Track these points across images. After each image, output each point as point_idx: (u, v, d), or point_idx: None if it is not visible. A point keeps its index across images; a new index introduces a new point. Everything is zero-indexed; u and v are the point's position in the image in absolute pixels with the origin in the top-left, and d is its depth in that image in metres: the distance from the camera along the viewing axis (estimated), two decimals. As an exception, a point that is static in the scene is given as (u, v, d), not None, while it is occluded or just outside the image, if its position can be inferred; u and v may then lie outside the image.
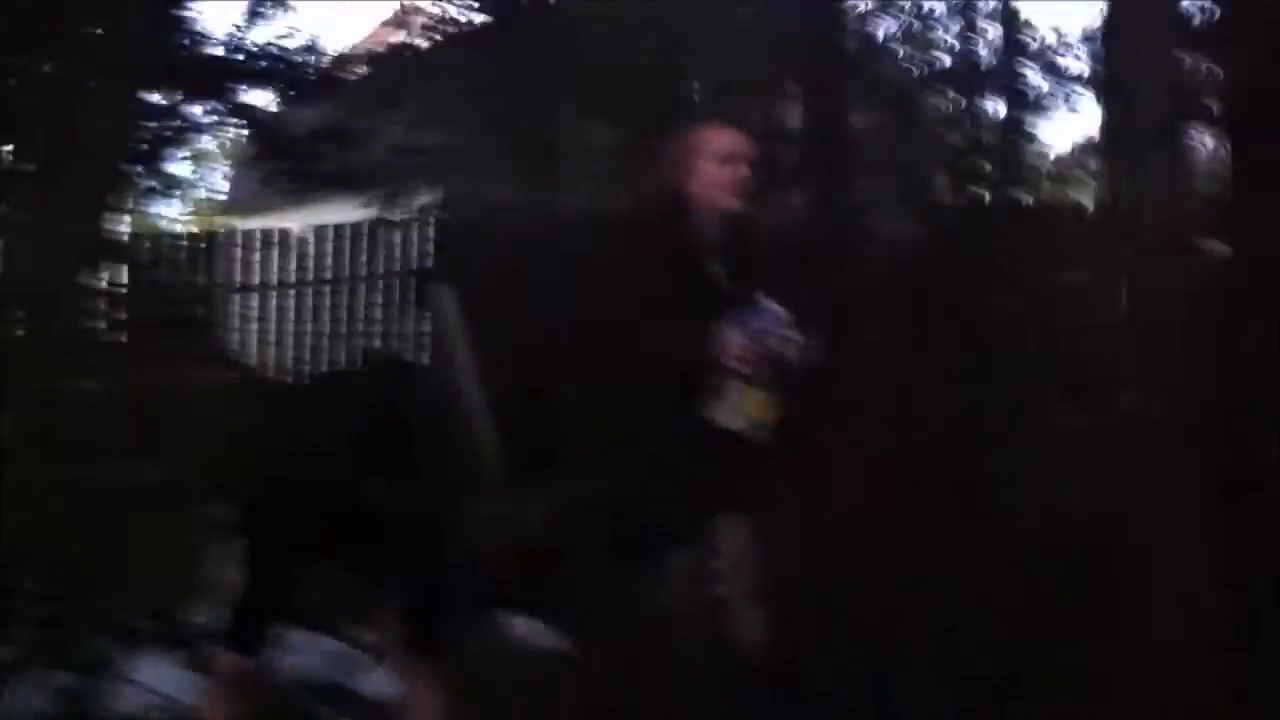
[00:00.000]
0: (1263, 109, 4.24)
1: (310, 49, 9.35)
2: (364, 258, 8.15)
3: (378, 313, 8.14)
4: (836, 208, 6.46)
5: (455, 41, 9.71)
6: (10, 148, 8.13)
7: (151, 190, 9.62)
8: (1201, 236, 4.54)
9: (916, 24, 8.94)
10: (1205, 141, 5.93)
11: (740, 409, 2.98)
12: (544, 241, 7.51)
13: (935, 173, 7.71)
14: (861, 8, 8.87)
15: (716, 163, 3.14)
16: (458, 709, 3.04)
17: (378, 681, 3.81)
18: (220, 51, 9.13)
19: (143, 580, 4.52)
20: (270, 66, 9.21)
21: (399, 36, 10.65)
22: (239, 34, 9.11)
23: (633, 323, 3.11)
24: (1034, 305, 5.94)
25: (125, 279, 7.67)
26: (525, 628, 4.55)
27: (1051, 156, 9.19)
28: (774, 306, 3.03)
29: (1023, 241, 6.33)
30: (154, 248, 8.21)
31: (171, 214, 17.84)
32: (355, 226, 8.29)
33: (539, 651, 4.42)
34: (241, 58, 9.19)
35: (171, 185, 10.07)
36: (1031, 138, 8.29)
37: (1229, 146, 5.30)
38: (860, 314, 3.40)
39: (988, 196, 7.24)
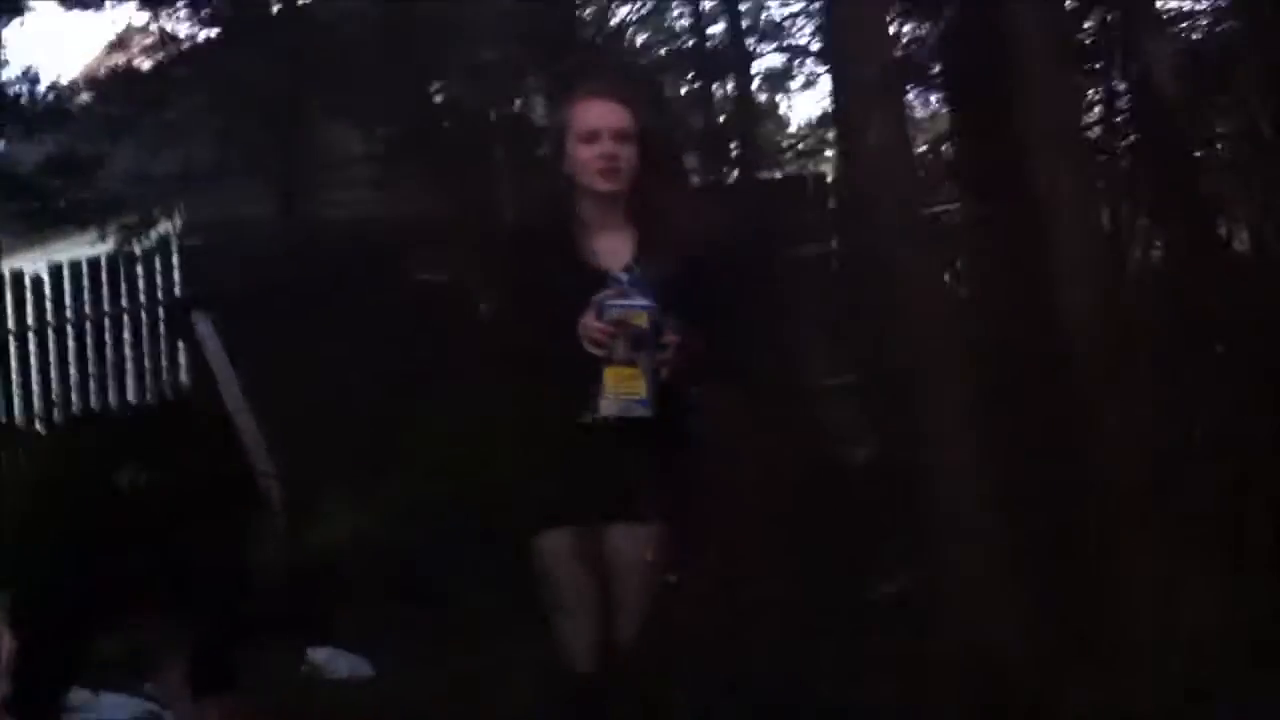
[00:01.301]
0: (973, 64, 4.45)
1: (28, 79, 8.95)
2: (110, 293, 7.83)
3: (133, 349, 7.83)
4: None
5: (183, 60, 9.42)
6: None
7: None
8: (931, 197, 4.80)
9: (650, 8, 9.16)
10: (928, 100, 6.27)
11: (610, 390, 2.95)
12: (302, 252, 7.38)
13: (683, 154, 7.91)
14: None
15: (586, 142, 3.01)
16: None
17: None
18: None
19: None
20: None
21: (123, 59, 10.27)
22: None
23: (502, 314, 3.08)
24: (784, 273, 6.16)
25: None
26: (327, 656, 4.49)
27: (792, 131, 9.52)
28: (636, 283, 2.96)
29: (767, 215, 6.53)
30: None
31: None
32: (96, 261, 7.96)
33: (342, 680, 4.38)
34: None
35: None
36: (771, 115, 8.56)
37: (949, 104, 5.62)
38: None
39: (733, 175, 7.48)
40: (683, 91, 8.82)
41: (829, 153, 8.32)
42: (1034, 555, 3.64)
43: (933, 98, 6.06)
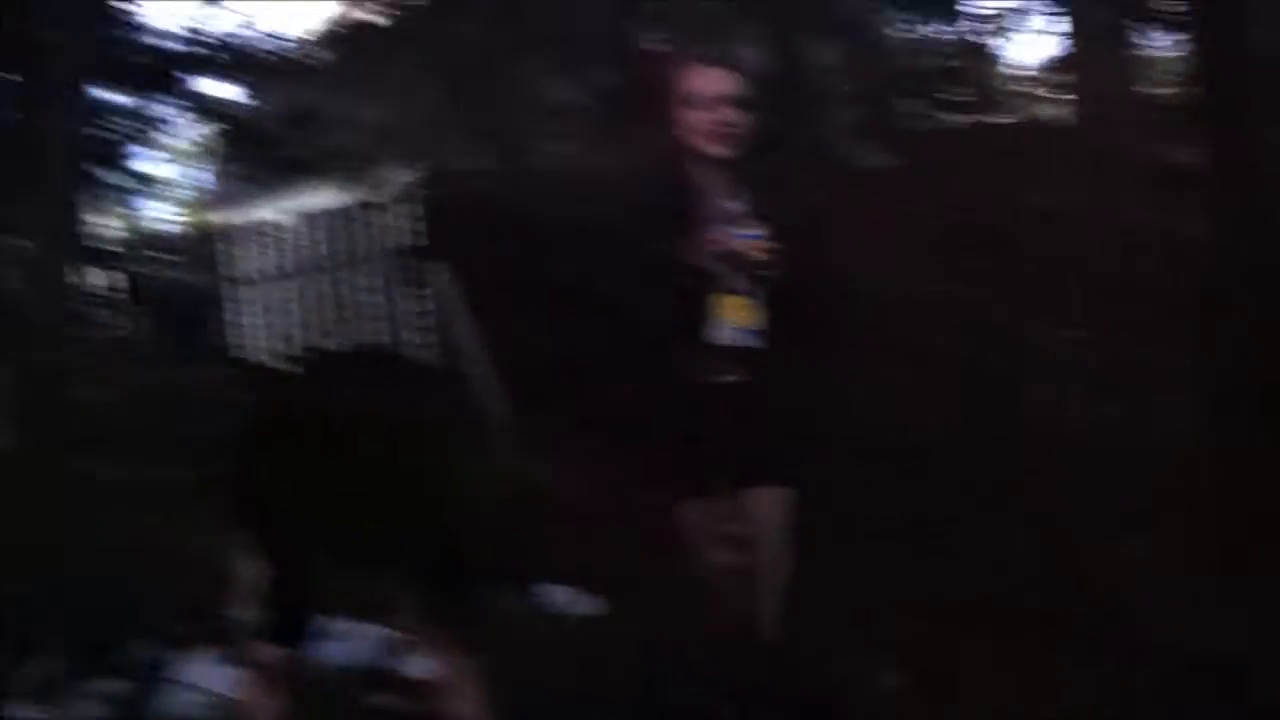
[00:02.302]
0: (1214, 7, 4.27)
1: (273, 35, 9.35)
2: (352, 242, 8.18)
3: (373, 297, 8.16)
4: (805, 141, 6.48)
5: (415, 14, 9.69)
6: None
7: (128, 190, 9.65)
8: (1163, 142, 4.62)
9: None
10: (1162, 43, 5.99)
11: (722, 318, 2.99)
12: (532, 203, 7.54)
13: (901, 99, 7.77)
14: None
15: (697, 108, 3.09)
16: (494, 681, 3.10)
17: (415, 662, 3.91)
18: (180, 46, 9.14)
19: (177, 581, 4.60)
20: (233, 57, 9.21)
21: (361, 13, 10.61)
22: (197, 27, 9.12)
23: (632, 270, 3.16)
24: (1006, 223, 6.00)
25: (120, 282, 7.71)
26: (558, 594, 4.63)
27: (1017, 75, 9.18)
28: (752, 225, 3.03)
29: (991, 160, 6.35)
30: (144, 248, 8.22)
31: (158, 213, 17.78)
32: (338, 211, 8.32)
33: (572, 617, 4.50)
34: (203, 51, 9.19)
35: (147, 184, 10.10)
36: (996, 58, 8.30)
37: (1186, 47, 5.37)
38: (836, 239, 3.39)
39: (954, 119, 7.30)
40: (903, 34, 8.64)
41: (1054, 97, 8.05)
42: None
43: (1167, 39, 5.82)
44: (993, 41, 8.24)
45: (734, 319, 2.99)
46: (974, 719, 3.32)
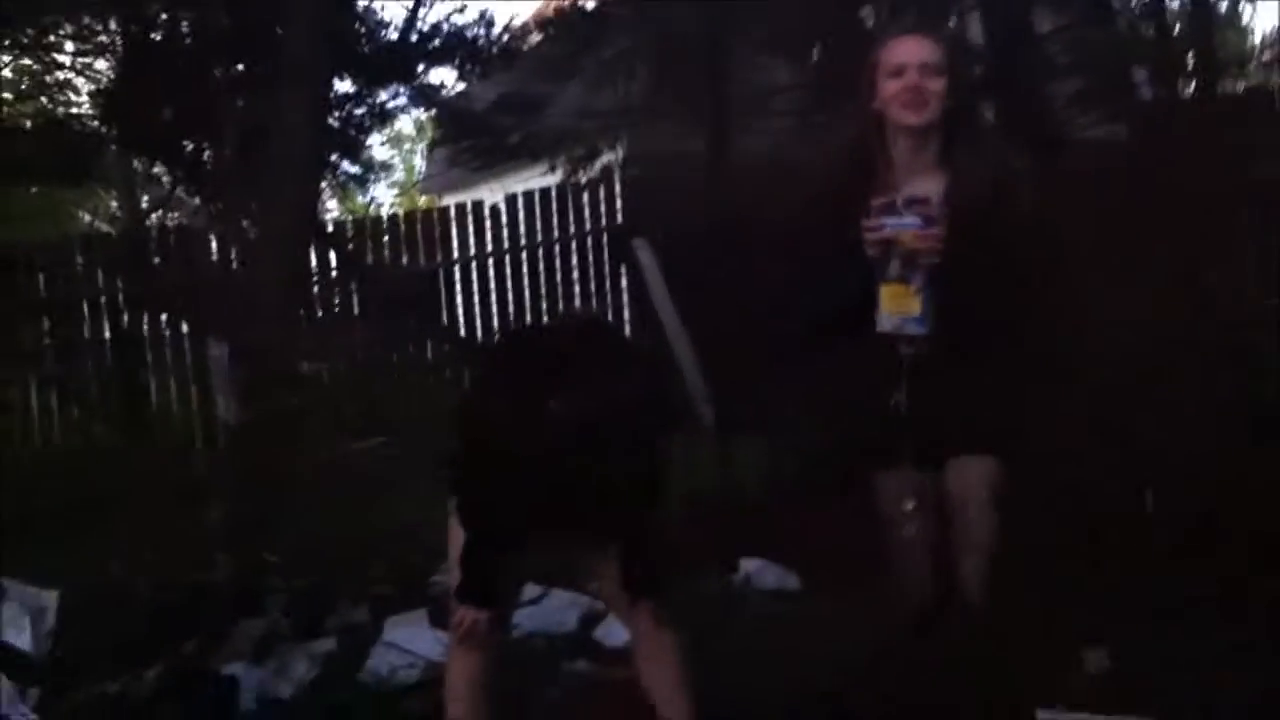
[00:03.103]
0: None
1: (483, 22, 9.53)
2: (559, 221, 8.29)
3: (581, 274, 8.27)
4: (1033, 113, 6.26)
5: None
6: (212, 150, 8.58)
7: (353, 176, 10.00)
8: None
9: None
10: None
11: (884, 308, 2.97)
12: (733, 185, 7.52)
13: (1132, 69, 7.41)
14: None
15: (894, 77, 3.04)
16: (692, 652, 3.08)
17: (613, 629, 3.91)
18: (397, 35, 9.41)
19: (387, 546, 4.73)
20: (447, 44, 9.43)
21: (569, 1, 10.74)
22: (414, 15, 9.35)
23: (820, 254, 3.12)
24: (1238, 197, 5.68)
25: (338, 263, 7.99)
26: (756, 568, 4.59)
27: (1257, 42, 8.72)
28: (924, 205, 2.96)
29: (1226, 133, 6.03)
30: (363, 231, 8.51)
31: (376, 197, 18.49)
32: (546, 192, 8.44)
33: (770, 592, 4.46)
34: (418, 38, 9.43)
35: (372, 170, 10.45)
36: (1234, 25, 7.88)
37: None
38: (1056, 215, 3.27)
39: (1190, 88, 6.93)
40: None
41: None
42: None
43: None
44: (1232, 7, 7.84)
45: (894, 308, 2.94)
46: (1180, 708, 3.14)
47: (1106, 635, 3.45)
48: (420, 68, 9.52)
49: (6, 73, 10.06)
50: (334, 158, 9.04)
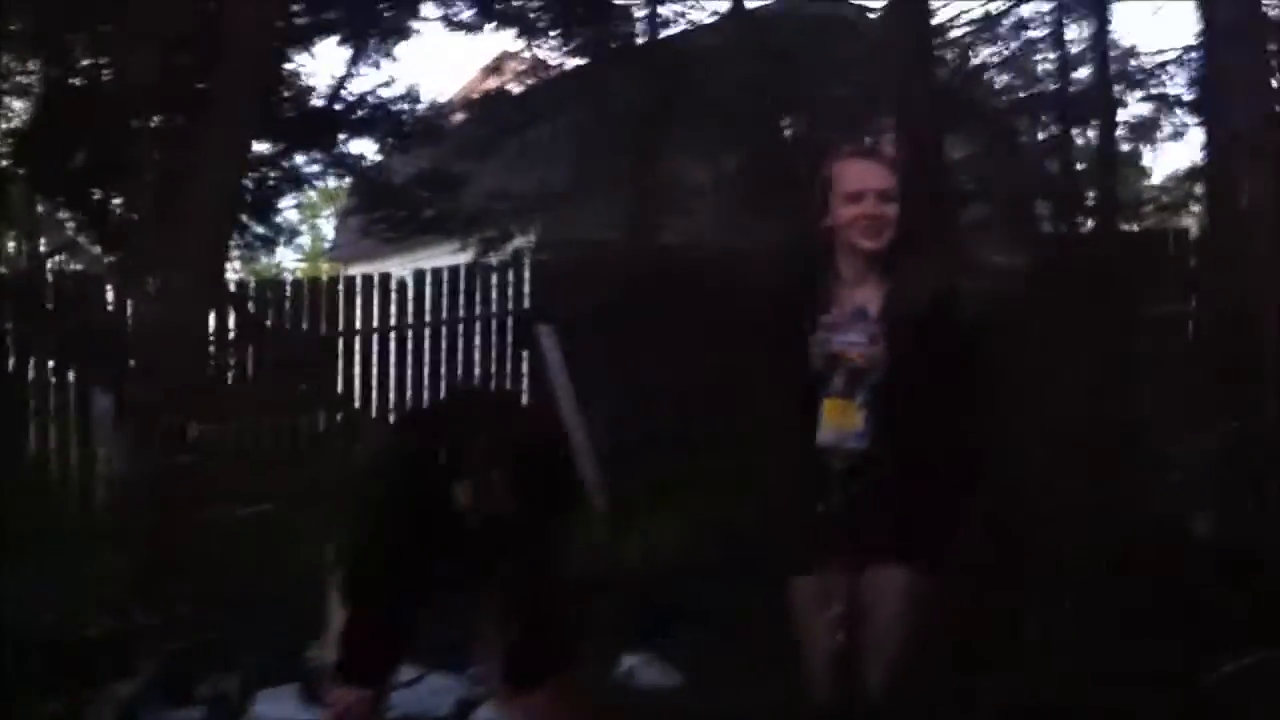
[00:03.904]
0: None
1: (409, 97, 9.56)
2: (465, 300, 8.28)
3: (483, 354, 8.24)
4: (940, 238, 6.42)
5: (551, 86, 9.86)
6: (121, 199, 8.46)
7: (262, 238, 9.89)
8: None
9: (1015, 51, 8.92)
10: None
11: (825, 422, 2.98)
12: (647, 277, 7.58)
13: (1038, 201, 7.67)
14: (958, 35, 8.87)
15: (848, 199, 3.09)
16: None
17: (488, 715, 3.85)
18: (322, 102, 9.40)
19: (266, 616, 4.62)
20: (370, 115, 9.44)
21: (496, 82, 10.85)
22: (340, 84, 9.36)
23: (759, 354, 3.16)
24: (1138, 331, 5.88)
25: (238, 324, 7.87)
26: (638, 662, 4.56)
27: (1156, 183, 9.07)
28: (869, 322, 3.01)
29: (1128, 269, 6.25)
30: (267, 294, 8.40)
31: (281, 261, 18.31)
32: (455, 270, 8.43)
33: (652, 686, 4.43)
34: (342, 107, 9.43)
35: (280, 233, 10.36)
36: (1135, 165, 8.20)
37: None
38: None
39: (1091, 224, 7.18)
40: (1042, 137, 8.56)
41: (1193, 208, 7.89)
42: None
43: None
44: (1134, 148, 8.14)
45: (835, 421, 2.97)
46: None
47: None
48: (342, 136, 9.52)
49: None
50: (244, 218, 8.94)
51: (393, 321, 8.21)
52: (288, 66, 8.92)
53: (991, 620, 4.06)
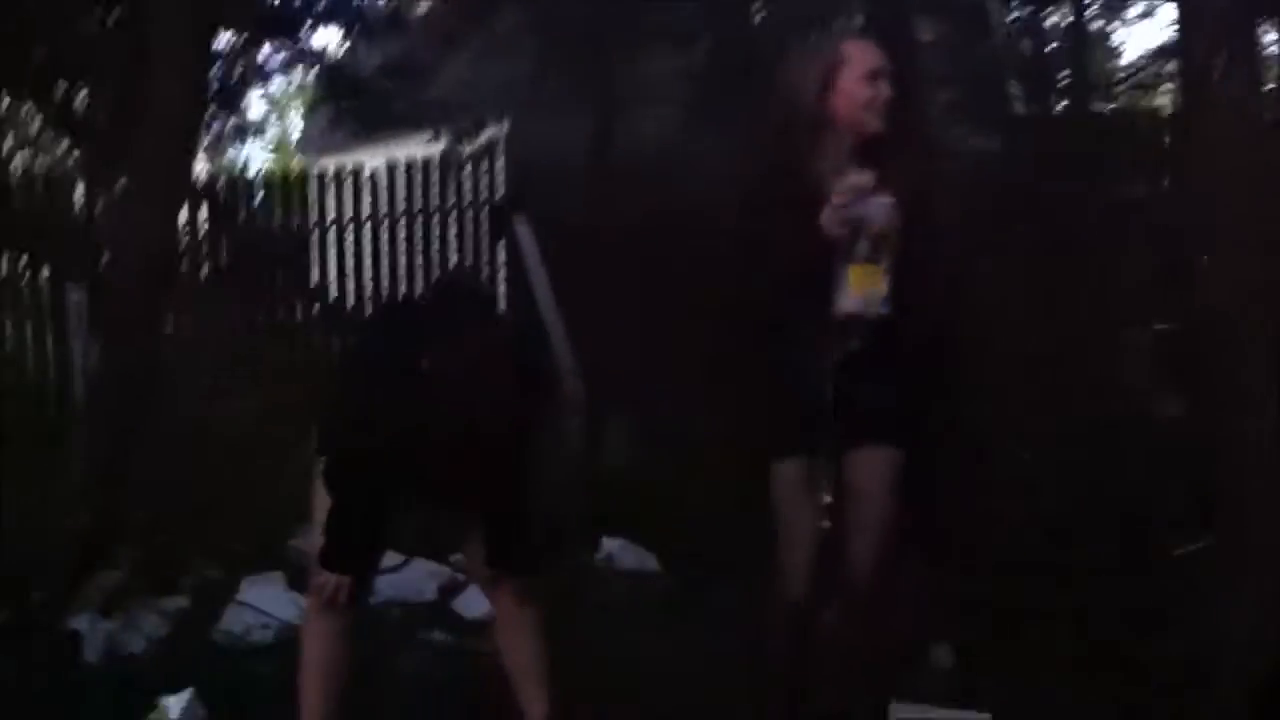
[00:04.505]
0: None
1: (375, -14, 9.39)
2: (437, 192, 8.22)
3: (457, 245, 8.21)
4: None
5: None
6: (86, 98, 8.32)
7: (229, 134, 9.77)
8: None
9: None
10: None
11: (851, 287, 2.97)
12: (620, 170, 7.54)
13: (1009, 84, 7.63)
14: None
15: (861, 80, 3.07)
16: (550, 627, 3.10)
17: (472, 600, 3.92)
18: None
19: (246, 507, 4.67)
20: (335, 5, 9.27)
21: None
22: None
23: (754, 230, 3.10)
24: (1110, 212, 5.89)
25: (210, 220, 7.81)
26: (616, 547, 4.63)
27: (1127, 63, 9.01)
28: (882, 193, 3.00)
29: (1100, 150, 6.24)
30: (236, 190, 8.32)
31: (250, 157, 18.09)
32: (427, 162, 8.36)
33: (628, 571, 4.51)
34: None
35: (247, 129, 10.23)
36: (1106, 45, 8.15)
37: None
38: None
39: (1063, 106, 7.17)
40: (1009, 18, 8.48)
41: (1166, 87, 7.87)
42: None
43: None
44: (1106, 27, 8.09)
45: (862, 287, 2.96)
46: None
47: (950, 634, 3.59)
48: (305, 27, 9.35)
49: None
50: (210, 113, 8.82)
51: (365, 214, 8.16)
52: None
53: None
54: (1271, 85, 5.15)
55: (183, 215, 7.33)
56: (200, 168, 9.25)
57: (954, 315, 3.10)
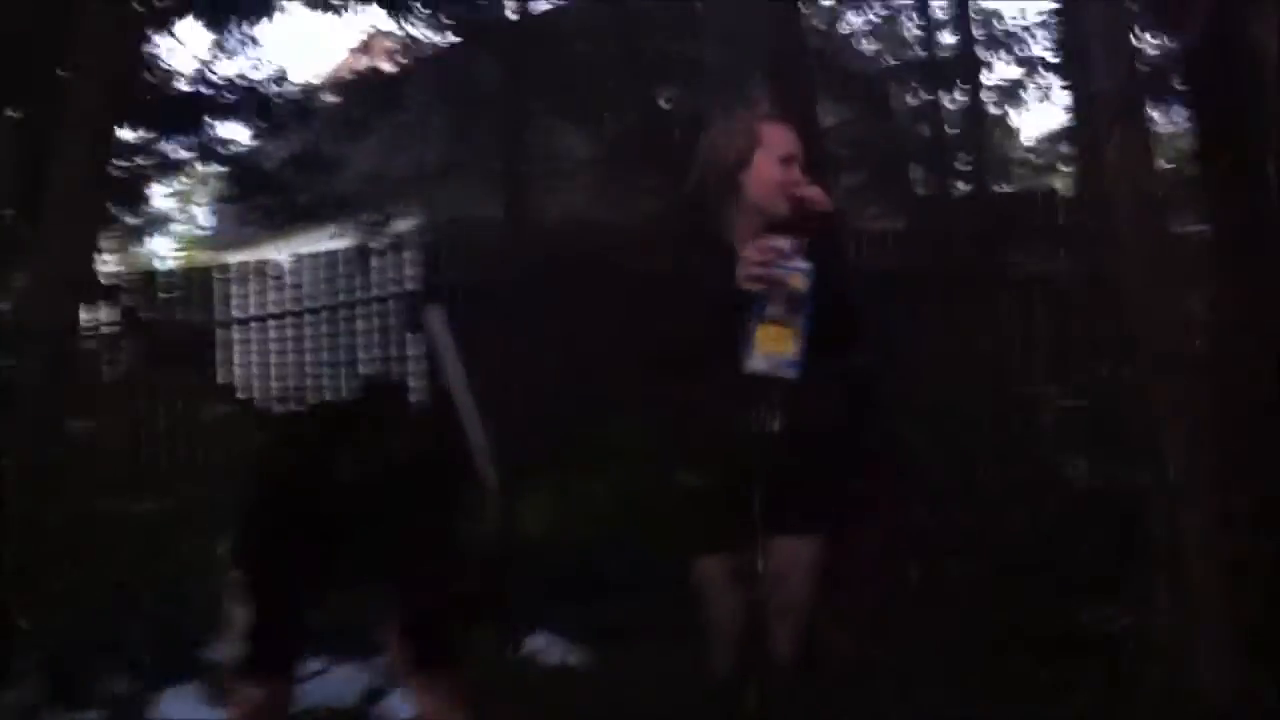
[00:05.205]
0: (1219, 74, 4.27)
1: (279, 79, 9.40)
2: (349, 284, 8.17)
3: (368, 339, 8.15)
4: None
5: (423, 64, 9.75)
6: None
7: (136, 229, 9.67)
8: (1173, 213, 4.62)
9: (881, 19, 9.06)
10: (1170, 115, 6.04)
11: (758, 347, 2.94)
12: (534, 247, 7.57)
13: (910, 165, 7.81)
14: (827, 2, 8.98)
15: (777, 162, 3.08)
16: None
17: (396, 705, 3.84)
18: (189, 87, 9.19)
19: (159, 614, 4.55)
20: (240, 99, 9.25)
21: (366, 63, 10.70)
22: (207, 68, 9.16)
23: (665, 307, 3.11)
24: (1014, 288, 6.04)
25: (118, 317, 7.70)
26: (542, 642, 4.58)
27: (1026, 145, 9.25)
28: (798, 249, 3.00)
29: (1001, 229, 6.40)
30: (145, 285, 8.22)
31: (158, 251, 17.89)
32: (336, 254, 8.32)
33: (555, 666, 4.45)
34: (210, 92, 9.23)
35: (155, 223, 10.14)
36: (1004, 127, 8.38)
37: (1192, 116, 5.40)
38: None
39: (963, 187, 7.35)
40: (911, 102, 8.70)
41: (1062, 168, 8.10)
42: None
43: (1177, 113, 5.86)
44: (1003, 111, 8.32)
45: (770, 347, 2.96)
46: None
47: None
48: (210, 121, 9.33)
49: None
50: (116, 208, 8.73)
51: (279, 307, 8.09)
52: (149, 50, 8.70)
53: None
54: (1164, 164, 5.30)
55: (86, 312, 7.24)
56: (105, 264, 9.15)
57: (866, 382, 3.12)
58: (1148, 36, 5.67)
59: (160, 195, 10.03)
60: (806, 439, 2.99)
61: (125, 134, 8.45)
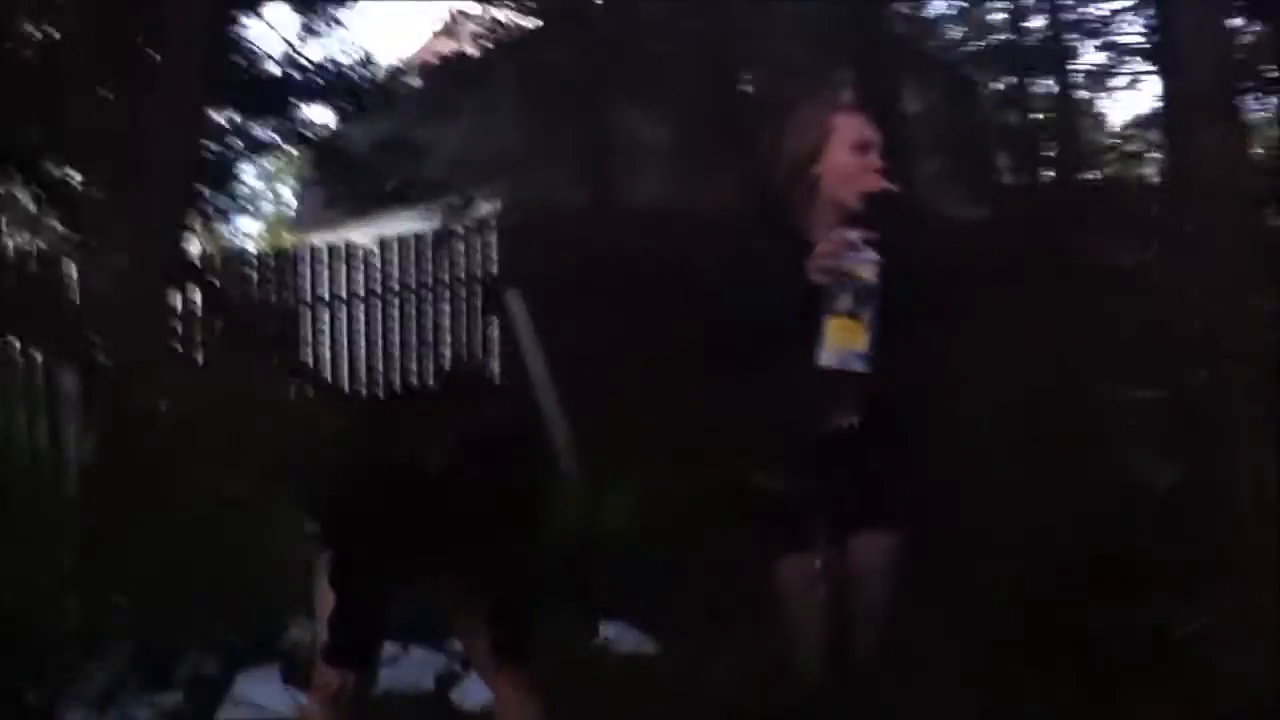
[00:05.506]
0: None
1: (364, 63, 9.50)
2: (431, 268, 8.25)
3: (450, 321, 8.23)
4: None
5: (507, 48, 9.79)
6: (81, 174, 8.36)
7: (223, 209, 9.83)
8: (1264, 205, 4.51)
9: (967, 3, 8.93)
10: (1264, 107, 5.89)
11: (829, 340, 2.94)
12: (617, 237, 7.57)
13: (995, 153, 7.70)
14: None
15: (850, 152, 3.08)
16: (552, 715, 3.07)
17: (470, 690, 3.88)
18: (277, 70, 9.31)
19: (241, 596, 4.62)
20: (326, 82, 9.36)
21: (451, 45, 10.76)
22: (294, 51, 9.28)
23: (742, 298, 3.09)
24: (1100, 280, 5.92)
25: (203, 298, 7.82)
26: (616, 631, 4.60)
27: (1113, 131, 9.09)
28: (868, 241, 2.98)
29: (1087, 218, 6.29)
30: (229, 266, 8.35)
31: (243, 232, 18.18)
32: (420, 238, 8.41)
33: (629, 655, 4.47)
34: (297, 75, 9.35)
35: (241, 204, 10.30)
36: (1091, 114, 8.24)
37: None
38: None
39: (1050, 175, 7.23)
40: (997, 88, 8.59)
41: (1151, 156, 7.95)
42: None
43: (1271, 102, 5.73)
44: (1091, 98, 8.17)
45: (840, 341, 2.94)
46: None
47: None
48: (298, 104, 9.45)
49: None
50: (204, 189, 8.88)
51: (360, 290, 8.19)
52: (238, 33, 8.84)
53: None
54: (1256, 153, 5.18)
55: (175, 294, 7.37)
56: (194, 244, 9.31)
57: (937, 377, 3.08)
58: (1241, 23, 5.53)
59: (248, 177, 10.22)
60: (883, 434, 2.97)
61: (214, 116, 8.58)
